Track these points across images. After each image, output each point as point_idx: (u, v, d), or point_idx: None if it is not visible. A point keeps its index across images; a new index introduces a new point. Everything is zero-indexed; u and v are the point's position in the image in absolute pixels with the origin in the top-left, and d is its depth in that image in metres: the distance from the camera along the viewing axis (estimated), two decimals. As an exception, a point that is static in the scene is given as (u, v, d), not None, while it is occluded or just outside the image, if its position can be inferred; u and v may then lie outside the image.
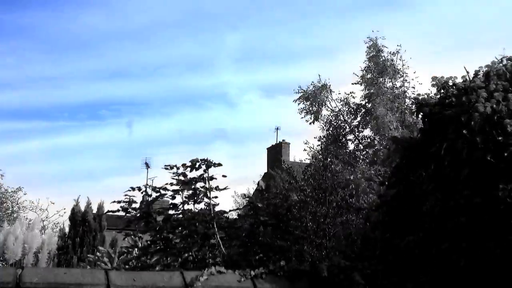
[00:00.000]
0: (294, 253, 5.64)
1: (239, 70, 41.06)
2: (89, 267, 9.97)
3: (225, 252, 5.58)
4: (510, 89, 4.83)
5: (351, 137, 20.76)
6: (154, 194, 5.98)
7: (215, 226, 5.70)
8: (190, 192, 5.84)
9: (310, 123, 20.81)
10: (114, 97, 45.77)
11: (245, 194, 21.05)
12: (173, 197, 5.89)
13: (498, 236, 4.30)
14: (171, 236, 5.82)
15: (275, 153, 28.88)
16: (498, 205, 4.31)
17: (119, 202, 5.92)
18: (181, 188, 5.84)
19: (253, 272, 4.77)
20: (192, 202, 5.89)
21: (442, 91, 5.22)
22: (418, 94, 5.67)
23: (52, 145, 43.36)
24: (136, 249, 6.53)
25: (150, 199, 6.00)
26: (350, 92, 20.61)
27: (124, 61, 40.38)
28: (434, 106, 5.14)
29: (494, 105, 4.62)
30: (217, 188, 5.78)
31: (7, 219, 23.26)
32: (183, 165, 5.81)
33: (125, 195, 5.94)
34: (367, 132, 20.46)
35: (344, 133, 20.67)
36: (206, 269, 4.69)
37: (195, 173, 5.81)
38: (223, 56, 37.57)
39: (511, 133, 4.46)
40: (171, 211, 5.96)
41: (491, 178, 4.43)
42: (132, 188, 5.95)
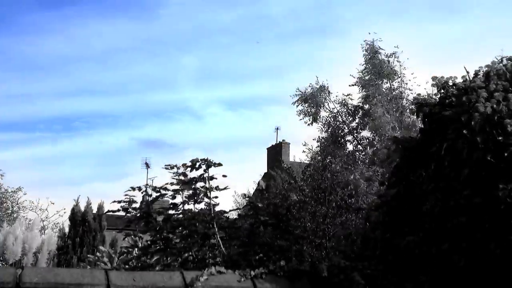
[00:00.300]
0: (294, 253, 5.63)
1: (199, 87, 47.49)
2: (89, 267, 9.96)
3: (225, 252, 5.58)
4: (510, 89, 4.83)
5: (349, 138, 20.81)
6: (154, 194, 5.98)
7: (215, 226, 5.70)
8: (190, 192, 5.83)
9: (308, 124, 20.90)
10: (84, 111, 49.22)
11: (245, 194, 21.05)
12: (173, 197, 5.89)
13: (498, 236, 4.30)
14: (171, 236, 5.82)
15: (275, 153, 28.90)
16: (498, 205, 4.31)
17: (119, 202, 5.91)
18: (181, 188, 5.83)
19: (253, 272, 4.77)
20: (192, 202, 5.88)
21: (442, 91, 5.22)
22: (418, 94, 5.67)
23: (31, 154, 45.02)
24: (136, 249, 6.53)
25: (150, 199, 6.00)
26: (347, 94, 20.70)
27: (88, 81, 45.73)
28: (434, 106, 5.14)
29: (494, 105, 4.62)
30: (217, 188, 5.78)
31: (7, 219, 23.24)
32: (183, 165, 5.81)
33: (125, 195, 5.94)
34: (366, 133, 20.52)
35: (342, 134, 20.71)
36: (206, 269, 4.69)
37: (195, 173, 5.81)
38: (181, 75, 41.68)
39: (511, 133, 4.46)
40: (171, 211, 5.95)
41: (491, 178, 4.42)
42: (132, 188, 5.94)
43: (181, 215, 5.89)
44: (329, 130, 20.70)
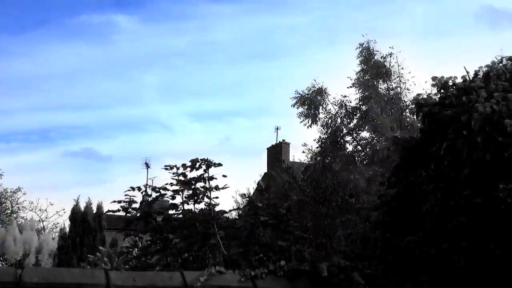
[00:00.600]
0: (294, 253, 5.63)
1: (164, 101, 49.26)
2: (89, 267, 9.95)
3: (225, 252, 5.58)
4: (510, 89, 4.83)
5: (348, 138, 20.85)
6: (154, 194, 5.98)
7: (215, 226, 5.69)
8: (190, 192, 5.83)
9: (307, 126, 20.97)
10: (59, 123, 52.56)
11: (245, 194, 21.04)
12: (173, 197, 5.89)
13: (498, 236, 4.30)
14: (171, 236, 5.82)
15: (275, 153, 28.85)
16: (498, 205, 4.31)
17: (119, 202, 5.92)
18: (181, 188, 5.83)
19: (253, 272, 4.78)
20: (192, 202, 5.88)
21: (442, 91, 5.22)
22: (418, 94, 5.65)
23: (12, 162, 47.23)
24: (136, 249, 6.52)
25: (150, 199, 6.00)
26: (344, 96, 20.75)
27: (55, 97, 48.33)
28: (434, 106, 5.14)
29: (494, 105, 4.61)
30: (217, 188, 5.77)
31: (7, 219, 23.25)
32: (183, 165, 5.80)
33: (125, 195, 5.95)
34: (365, 134, 20.58)
35: (342, 135, 20.75)
36: (206, 269, 4.70)
37: (195, 173, 5.81)
38: (145, 91, 44.94)
39: (511, 133, 4.46)
40: (171, 211, 5.96)
41: (491, 178, 4.42)
42: (132, 188, 5.94)
43: (181, 215, 5.89)
44: (328, 131, 20.77)
